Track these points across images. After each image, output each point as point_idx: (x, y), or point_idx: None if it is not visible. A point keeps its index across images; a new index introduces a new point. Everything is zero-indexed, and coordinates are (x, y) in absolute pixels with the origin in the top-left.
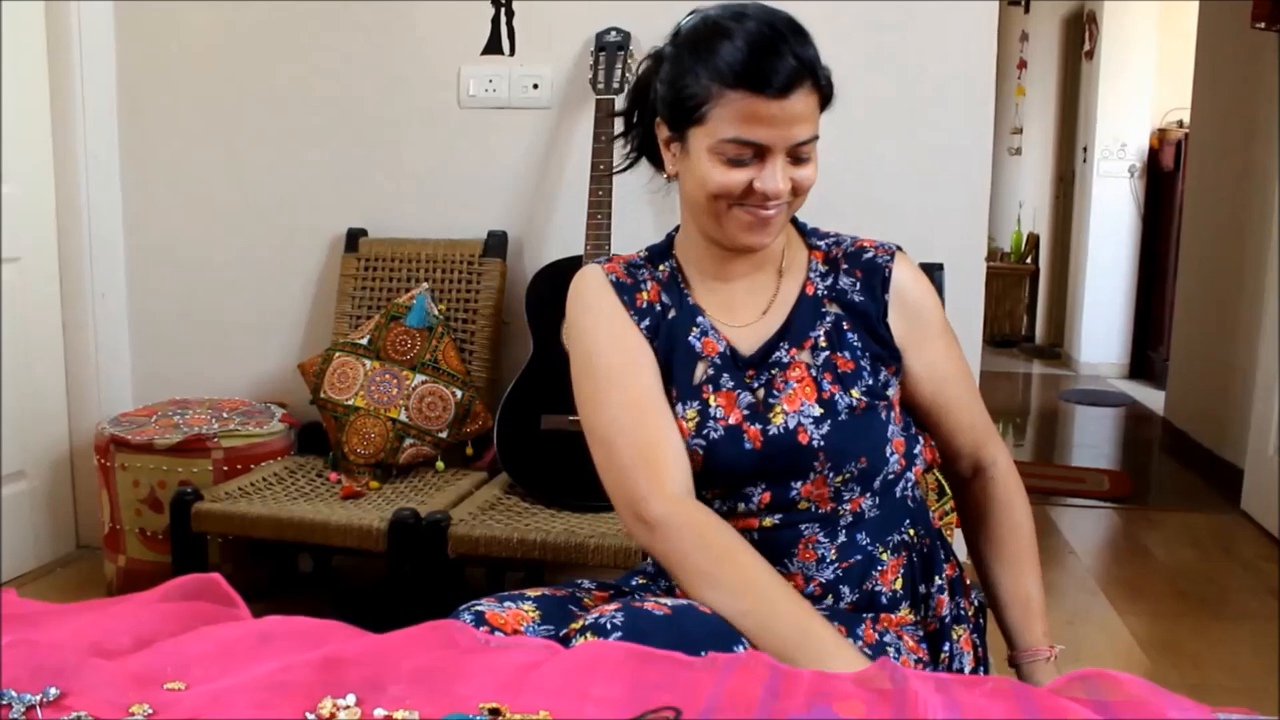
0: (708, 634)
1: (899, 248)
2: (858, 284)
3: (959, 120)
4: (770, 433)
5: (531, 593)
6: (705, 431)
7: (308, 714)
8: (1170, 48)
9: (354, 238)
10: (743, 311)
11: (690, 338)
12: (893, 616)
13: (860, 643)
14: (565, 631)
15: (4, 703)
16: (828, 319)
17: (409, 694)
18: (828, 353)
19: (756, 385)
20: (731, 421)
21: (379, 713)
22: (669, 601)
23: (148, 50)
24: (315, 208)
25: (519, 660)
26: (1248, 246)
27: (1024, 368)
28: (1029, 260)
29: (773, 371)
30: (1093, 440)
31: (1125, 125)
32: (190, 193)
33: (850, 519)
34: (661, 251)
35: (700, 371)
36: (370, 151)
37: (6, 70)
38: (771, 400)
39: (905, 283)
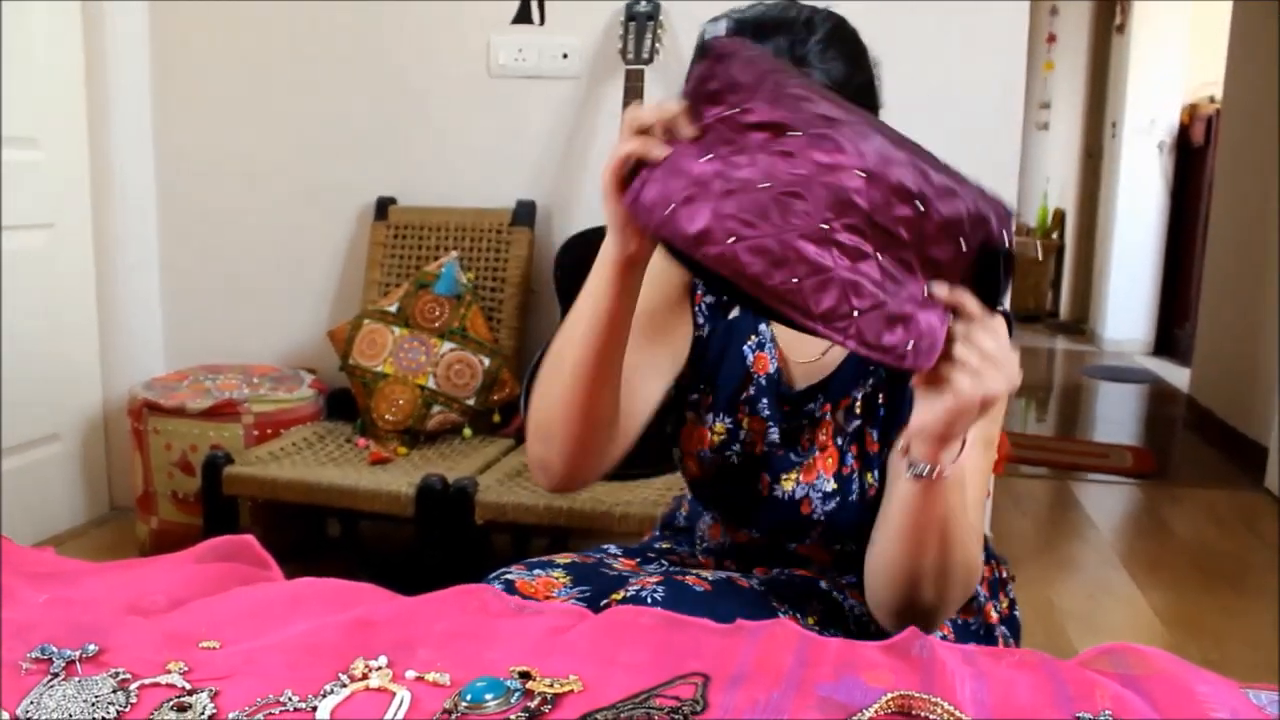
0: (746, 607)
1: None
2: None
3: (988, 96)
4: (776, 492)
5: (560, 559)
6: (728, 454)
7: (340, 674)
8: (1203, 22)
9: (383, 206)
10: (808, 345)
11: (745, 346)
12: None
13: None
14: (605, 602)
15: (45, 657)
16: (869, 381)
17: (440, 657)
18: (859, 422)
19: (787, 426)
20: (755, 453)
21: (410, 674)
22: (709, 575)
23: (181, 19)
24: (345, 176)
25: (549, 625)
26: (1278, 224)
27: (1048, 343)
28: (1055, 235)
29: (804, 422)
30: (1117, 416)
31: (1156, 100)
32: (222, 162)
33: (856, 560)
34: None
35: (742, 388)
36: (400, 120)
37: (40, 36)
38: (794, 458)
39: None
